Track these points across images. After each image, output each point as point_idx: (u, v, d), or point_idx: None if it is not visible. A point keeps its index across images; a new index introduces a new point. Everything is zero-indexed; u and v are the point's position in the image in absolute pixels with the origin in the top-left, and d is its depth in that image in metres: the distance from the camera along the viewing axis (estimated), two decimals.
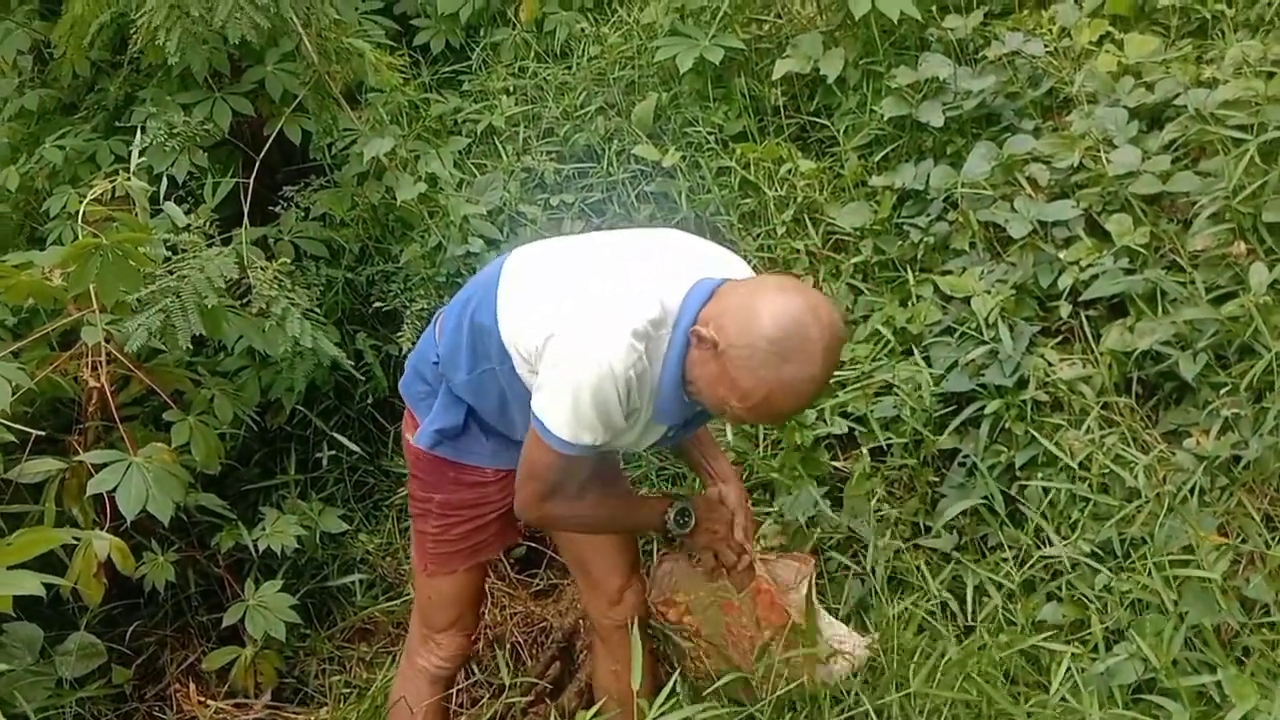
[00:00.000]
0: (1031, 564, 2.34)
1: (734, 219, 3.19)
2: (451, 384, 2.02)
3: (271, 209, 3.38)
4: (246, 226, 3.03)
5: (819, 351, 1.63)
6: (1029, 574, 2.34)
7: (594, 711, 1.99)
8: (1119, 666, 2.05)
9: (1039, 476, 2.44)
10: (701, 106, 3.42)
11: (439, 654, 2.28)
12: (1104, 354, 2.53)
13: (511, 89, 3.79)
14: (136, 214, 2.74)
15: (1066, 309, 2.61)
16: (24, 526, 2.43)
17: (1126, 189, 2.66)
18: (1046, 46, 3.06)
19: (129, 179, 2.76)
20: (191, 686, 2.80)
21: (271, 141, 3.24)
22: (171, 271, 2.67)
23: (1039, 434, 2.46)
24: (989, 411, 2.53)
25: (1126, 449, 2.40)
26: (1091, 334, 2.58)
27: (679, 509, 2.07)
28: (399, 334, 3.17)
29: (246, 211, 3.09)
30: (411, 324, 3.16)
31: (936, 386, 2.64)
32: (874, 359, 2.76)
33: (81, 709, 2.57)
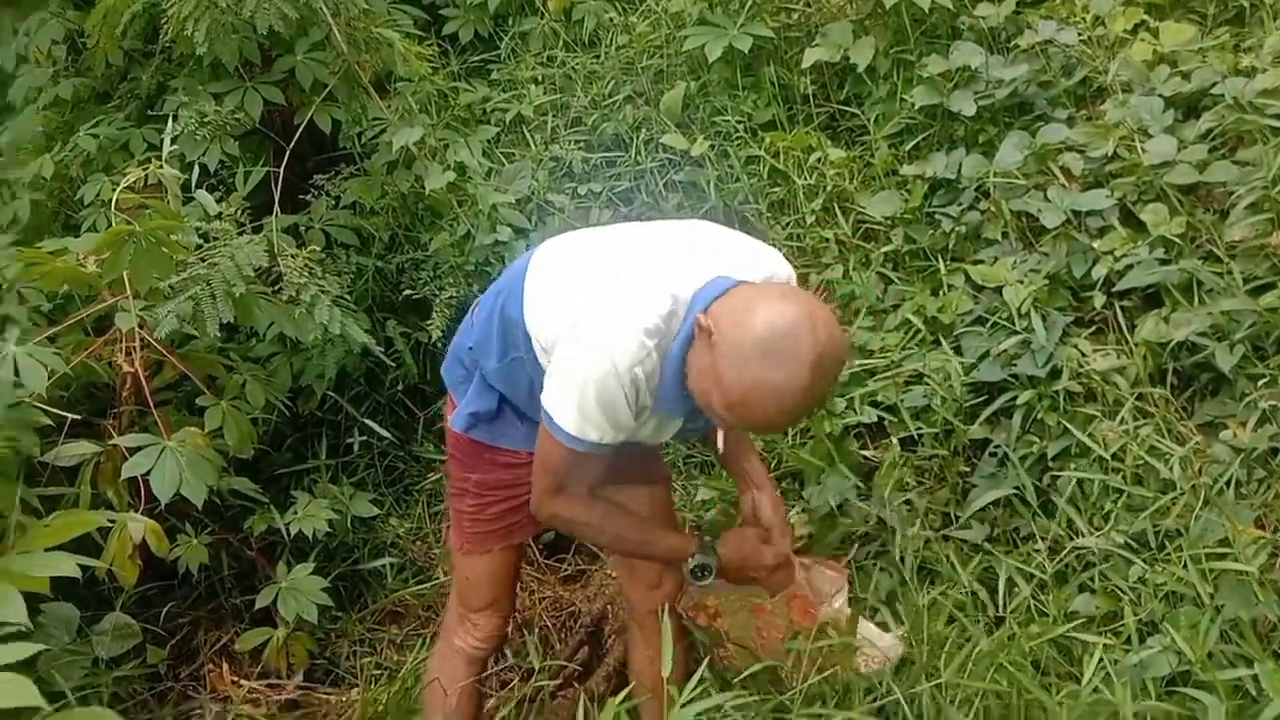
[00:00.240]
0: (1063, 555, 2.32)
1: (763, 208, 3.18)
2: (484, 371, 2.03)
3: (302, 197, 3.39)
4: (277, 214, 3.05)
5: (806, 362, 1.58)
6: (1061, 565, 2.32)
7: (623, 696, 2.00)
8: (1153, 659, 2.03)
9: (1072, 467, 2.41)
10: (730, 95, 3.41)
11: (475, 635, 2.28)
12: (1138, 345, 2.51)
13: (540, 78, 3.79)
14: (169, 202, 2.76)
15: (1100, 299, 2.59)
16: (60, 509, 2.45)
17: (1162, 178, 2.63)
18: (1080, 35, 3.02)
19: (161, 167, 2.78)
20: (225, 666, 2.83)
21: (302, 130, 3.25)
22: (203, 259, 2.69)
23: (1072, 425, 2.44)
24: (1021, 402, 2.50)
25: (1161, 440, 2.37)
26: (1126, 325, 2.55)
27: (699, 563, 2.03)
28: (429, 321, 3.18)
29: (277, 199, 3.11)
30: (441, 312, 3.17)
31: (967, 376, 2.62)
32: (904, 348, 2.75)
33: (117, 688, 2.60)
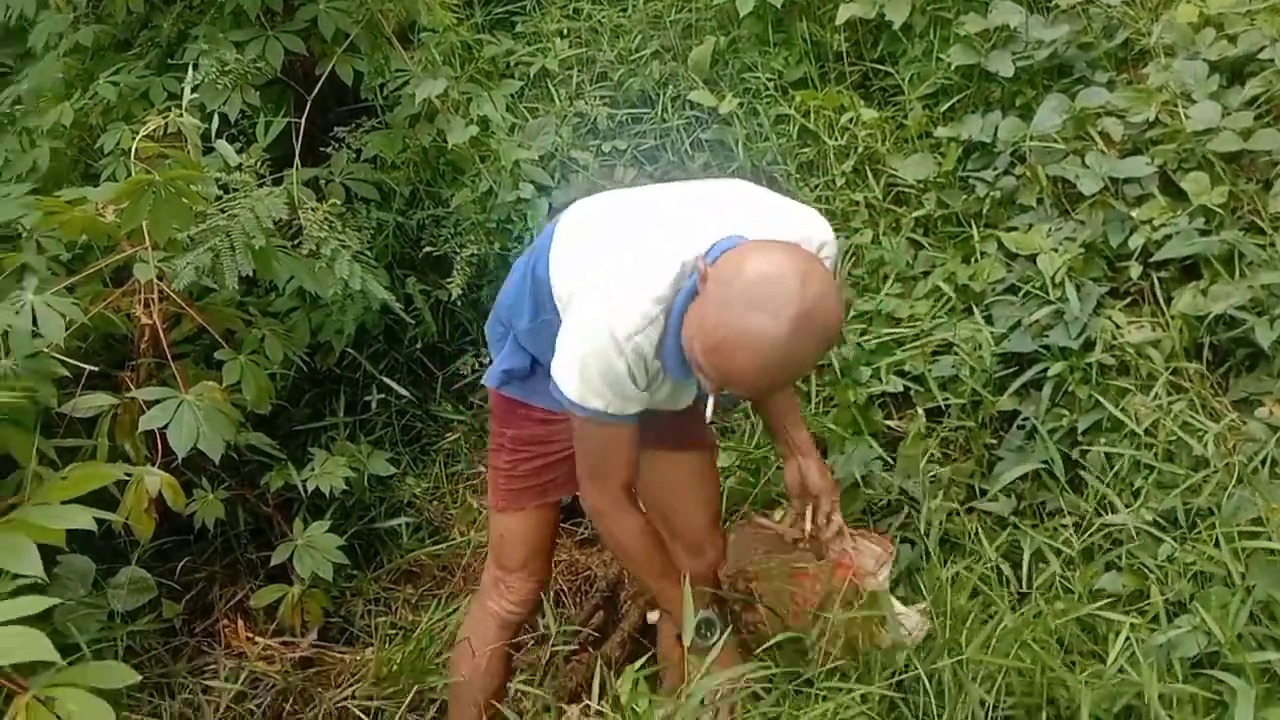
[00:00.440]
0: (1091, 531, 2.27)
1: (792, 169, 3.12)
2: (515, 331, 2.03)
3: (322, 149, 3.35)
4: (298, 167, 3.01)
5: (788, 314, 1.53)
6: (1088, 541, 2.27)
7: (641, 663, 1.98)
8: (1180, 639, 1.98)
9: (1102, 442, 2.36)
10: (761, 51, 3.34)
11: (509, 597, 2.26)
12: (1175, 317, 2.44)
13: (565, 31, 3.72)
14: (189, 151, 2.72)
15: (1137, 270, 2.52)
16: (77, 460, 2.44)
17: (1204, 146, 2.55)
18: None
19: (181, 116, 2.74)
20: (239, 623, 2.83)
21: (323, 81, 3.20)
22: (223, 210, 2.65)
23: (1104, 398, 2.39)
24: (1052, 374, 2.45)
25: (1195, 416, 2.31)
26: (1162, 296, 2.49)
27: (704, 618, 2.00)
28: (449, 279, 3.15)
29: (298, 151, 3.06)
30: (461, 270, 3.13)
31: (997, 346, 2.57)
32: (934, 316, 2.69)
33: (132, 642, 2.60)
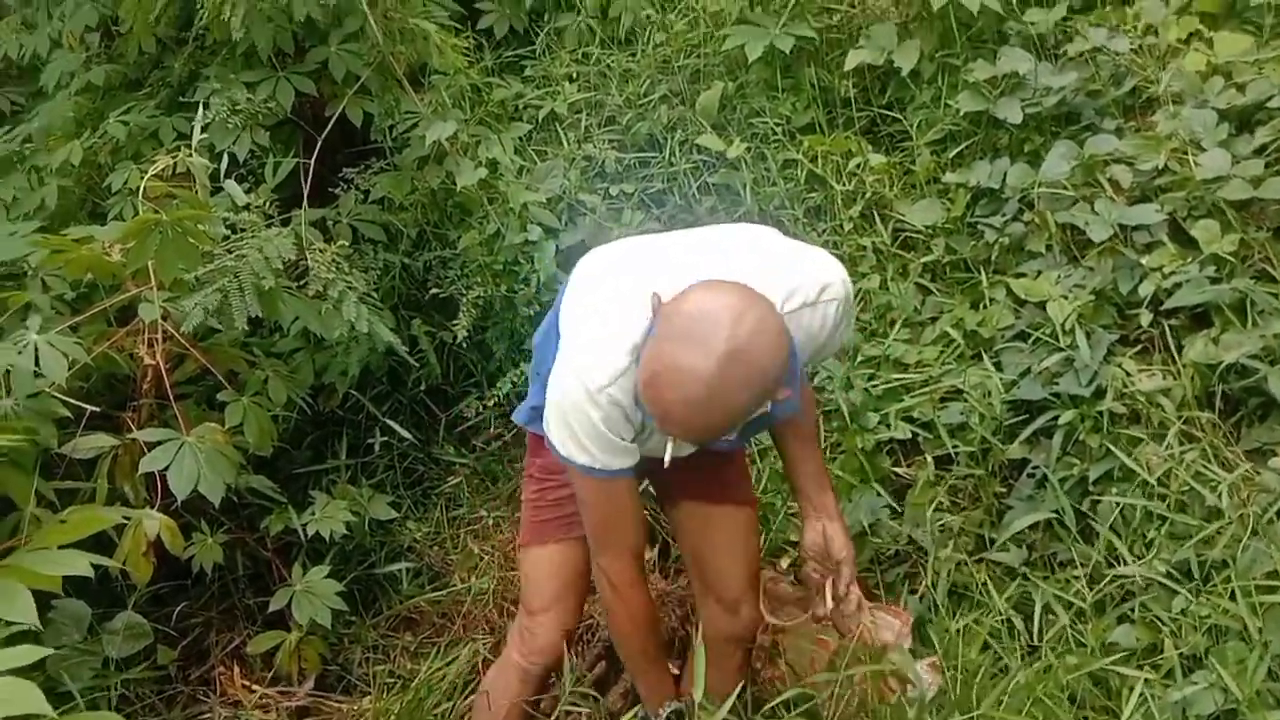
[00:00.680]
0: (1103, 583, 2.24)
1: (799, 213, 3.11)
2: (540, 371, 2.00)
3: (331, 190, 3.35)
4: (306, 207, 3.01)
5: (716, 351, 1.49)
6: (1101, 593, 2.23)
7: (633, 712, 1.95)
8: (1196, 696, 1.94)
9: (1114, 492, 2.33)
10: (769, 97, 3.34)
11: (531, 645, 2.16)
12: (1186, 366, 2.42)
13: (574, 75, 3.74)
14: (197, 191, 2.72)
15: (1147, 317, 2.51)
16: (76, 502, 2.42)
17: (1214, 193, 2.54)
18: (1131, 44, 2.94)
19: (190, 155, 2.75)
20: (235, 670, 2.79)
21: (333, 122, 3.21)
22: (230, 251, 2.65)
23: (1115, 447, 2.36)
24: (1063, 422, 2.43)
25: (1208, 466, 2.28)
26: (1173, 344, 2.47)
27: (676, 709, 1.98)
28: (454, 321, 3.13)
29: (306, 192, 3.07)
30: (467, 311, 3.12)
31: (1007, 394, 2.55)
32: (942, 362, 2.67)
33: (126, 689, 2.56)
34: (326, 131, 3.19)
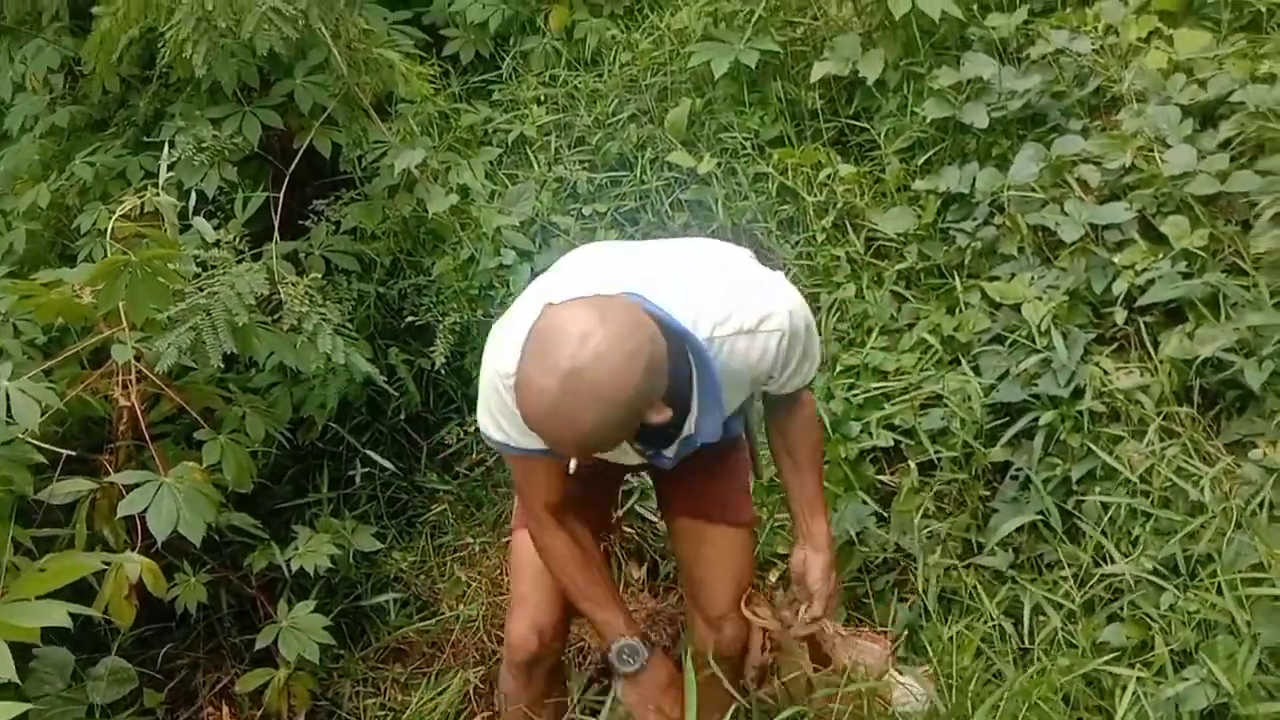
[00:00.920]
0: (1091, 583, 2.24)
1: (772, 226, 3.12)
2: None
3: (302, 223, 3.33)
4: (277, 241, 2.99)
5: (555, 370, 1.48)
6: (1089, 593, 2.23)
7: None
8: (1189, 691, 1.94)
9: (1097, 491, 2.34)
10: (736, 112, 3.35)
11: (508, 638, 2.19)
12: (1163, 362, 2.43)
13: (542, 98, 3.74)
14: (166, 230, 2.70)
15: (1122, 315, 2.52)
16: (55, 548, 2.38)
17: (1182, 189, 2.56)
18: (1092, 44, 2.96)
19: (158, 194, 2.72)
20: (224, 709, 2.75)
21: (301, 155, 3.20)
22: (201, 288, 2.62)
23: (1096, 446, 2.37)
24: (1043, 423, 2.43)
25: (1189, 461, 2.29)
26: (1149, 341, 2.48)
27: (628, 645, 1.94)
28: (431, 348, 3.12)
29: (277, 226, 3.05)
30: (444, 338, 3.10)
31: (987, 397, 2.55)
32: (921, 369, 2.68)
33: None
34: (294, 164, 3.17)
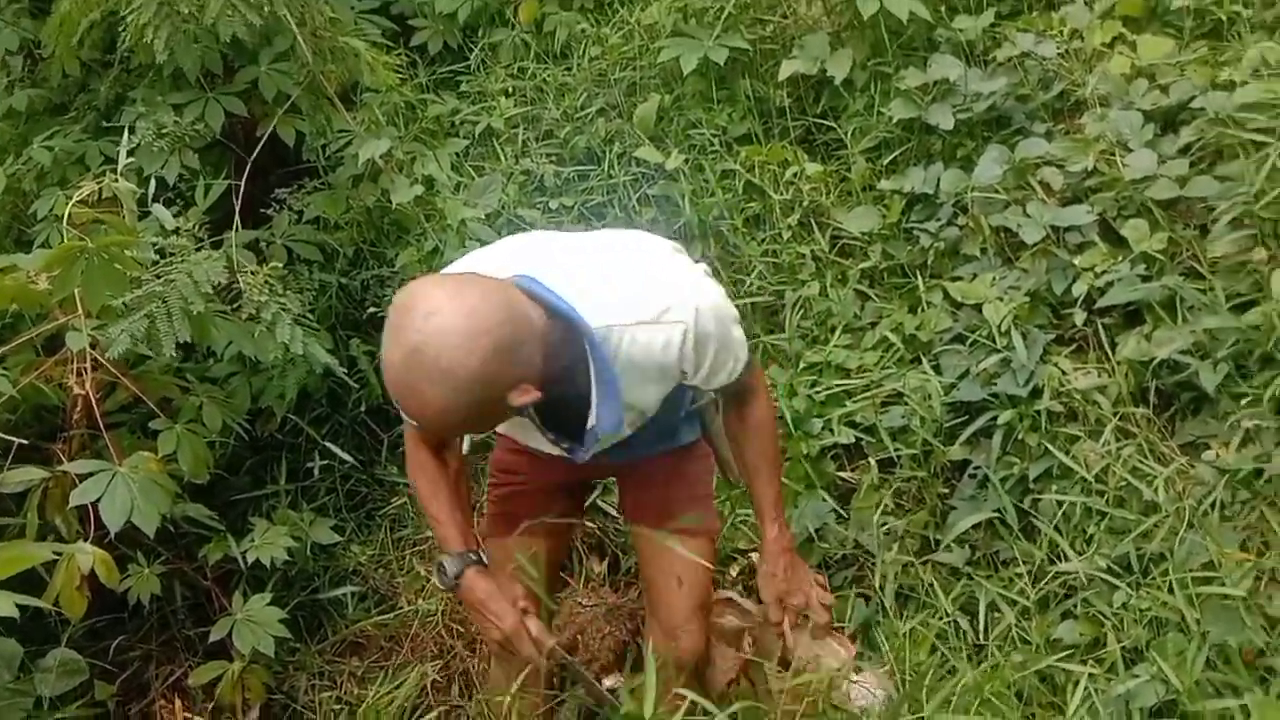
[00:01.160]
0: (1046, 580, 2.26)
1: (738, 223, 3.12)
2: None
3: (264, 212, 3.30)
4: (238, 229, 2.95)
5: (402, 344, 1.48)
6: (1044, 590, 2.26)
7: None
8: (1139, 688, 1.97)
9: (1053, 489, 2.36)
10: (705, 108, 3.35)
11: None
12: (1120, 363, 2.46)
13: (510, 90, 3.72)
14: (124, 216, 2.66)
15: (1081, 316, 2.54)
16: (5, 538, 2.35)
17: (1143, 193, 2.59)
18: (1058, 48, 2.99)
19: (117, 180, 2.68)
20: (177, 703, 2.71)
21: (264, 143, 3.16)
22: (159, 276, 2.59)
23: (1053, 445, 2.40)
24: (1001, 422, 2.45)
25: (1144, 461, 2.33)
26: (1107, 342, 2.51)
27: (441, 561, 1.94)
28: None
29: (238, 214, 3.01)
30: None
31: (947, 396, 2.57)
32: (883, 367, 2.69)
33: None
34: (257, 152, 3.13)
